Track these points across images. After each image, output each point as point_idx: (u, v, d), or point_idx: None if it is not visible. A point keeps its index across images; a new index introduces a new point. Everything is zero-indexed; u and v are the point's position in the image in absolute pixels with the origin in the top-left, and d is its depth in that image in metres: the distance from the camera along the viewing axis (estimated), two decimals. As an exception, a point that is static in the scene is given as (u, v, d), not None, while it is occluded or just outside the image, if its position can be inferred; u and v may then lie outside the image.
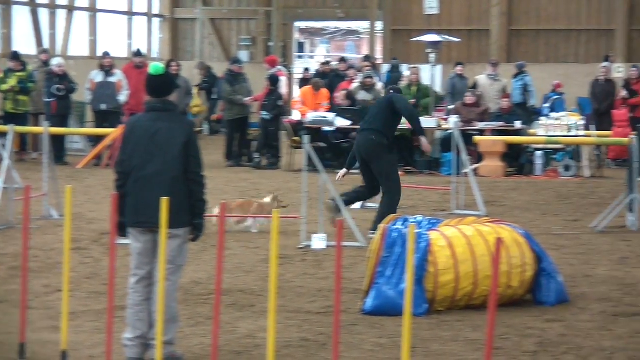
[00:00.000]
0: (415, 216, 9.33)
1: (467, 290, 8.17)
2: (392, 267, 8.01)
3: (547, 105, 23.79)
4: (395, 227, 8.28)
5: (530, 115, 22.82)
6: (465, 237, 8.35)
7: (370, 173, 12.03)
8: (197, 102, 27.30)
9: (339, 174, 12.56)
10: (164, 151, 6.46)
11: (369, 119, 12.43)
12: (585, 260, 10.66)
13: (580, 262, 10.56)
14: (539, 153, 19.75)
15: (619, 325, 7.91)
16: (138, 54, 22.51)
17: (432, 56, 21.16)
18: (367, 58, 27.08)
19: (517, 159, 20.31)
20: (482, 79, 22.38)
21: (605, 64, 24.67)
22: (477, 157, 19.39)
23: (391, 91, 13.27)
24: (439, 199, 15.57)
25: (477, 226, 8.70)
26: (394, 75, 25.22)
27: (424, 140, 12.96)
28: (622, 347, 7.25)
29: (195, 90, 26.95)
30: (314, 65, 31.68)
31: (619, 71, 26.58)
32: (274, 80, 20.71)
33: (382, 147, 11.90)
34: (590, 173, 19.50)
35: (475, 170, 16.86)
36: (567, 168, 19.53)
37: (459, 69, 24.02)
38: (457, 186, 14.21)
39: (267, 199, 12.48)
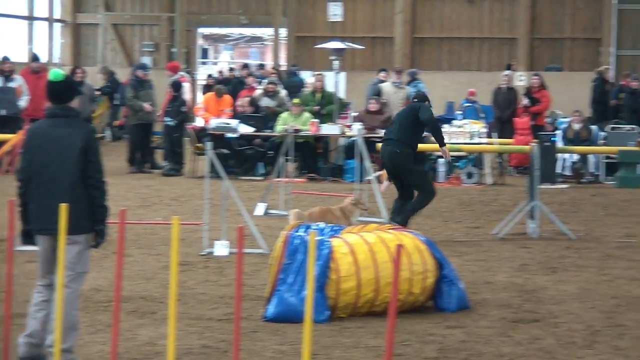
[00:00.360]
0: (318, 223, 9.36)
1: (369, 296, 8.23)
2: (294, 274, 8.04)
3: (459, 112, 24.21)
4: (297, 234, 8.30)
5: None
6: (367, 244, 8.41)
7: (399, 180, 12.55)
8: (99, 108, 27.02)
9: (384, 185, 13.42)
10: (63, 157, 6.45)
11: (394, 128, 12.82)
12: (486, 267, 10.83)
13: (481, 268, 10.73)
14: (441, 160, 19.99)
15: (518, 331, 8.03)
16: (35, 59, 22.25)
17: (336, 63, 21.28)
18: (261, 66, 27.28)
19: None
20: (385, 86, 22.60)
21: (507, 72, 25.19)
22: (381, 164, 19.53)
23: (415, 100, 13.36)
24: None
25: (379, 233, 8.77)
26: (293, 82, 25.35)
27: (445, 151, 13.23)
28: (521, 353, 7.37)
29: (102, 98, 26.79)
30: (214, 72, 31.75)
31: (521, 79, 27.18)
32: (176, 86, 20.66)
33: (407, 158, 12.31)
34: (492, 180, 19.86)
35: (378, 177, 16.94)
36: (469, 175, 19.88)
37: (382, 75, 24.39)
38: (360, 193, 14.27)
39: (348, 202, 12.39)
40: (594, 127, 22.17)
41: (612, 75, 27.92)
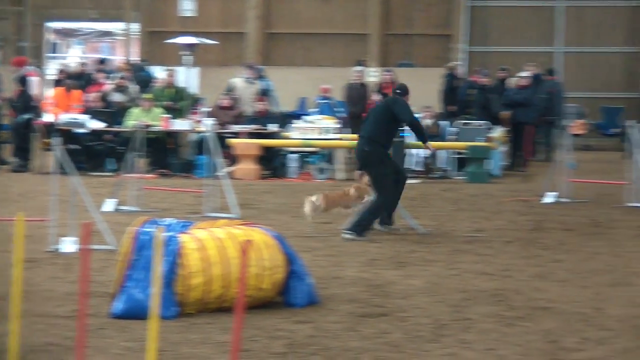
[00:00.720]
0: (166, 219, 9.33)
1: (218, 292, 8.26)
2: (142, 271, 7.99)
3: (315, 109, 24.54)
4: (145, 229, 8.26)
5: (285, 118, 23.45)
6: (216, 239, 8.44)
7: None
8: None
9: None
10: None
11: (366, 124, 12.67)
12: (335, 262, 11.02)
13: (330, 264, 10.90)
14: (293, 156, 20.31)
15: (366, 325, 8.18)
16: None
17: (188, 58, 21.32)
18: (102, 60, 27.14)
19: (271, 162, 20.87)
20: (237, 82, 22.72)
21: (359, 68, 25.64)
22: (232, 159, 19.70)
23: (398, 92, 13.22)
24: (192, 201, 15.76)
25: (228, 229, 8.81)
26: (141, 77, 25.18)
27: (429, 146, 13.43)
28: (368, 347, 7.51)
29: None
30: (66, 65, 31.30)
31: (373, 75, 27.61)
32: (23, 81, 20.33)
33: (375, 157, 12.28)
34: (343, 175, 20.17)
35: (229, 172, 17.06)
36: (321, 171, 20.19)
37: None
38: (211, 189, 14.33)
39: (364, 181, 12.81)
40: (444, 123, 22.84)
41: (462, 72, 28.71)
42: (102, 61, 28.06)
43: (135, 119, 19.36)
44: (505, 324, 8.14)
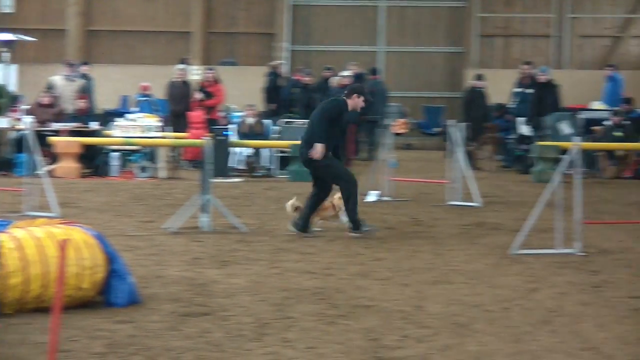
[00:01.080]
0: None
1: (36, 292, 8.14)
2: (-45, 271, 7.78)
3: (135, 108, 24.53)
4: (-40, 229, 8.05)
5: (106, 116, 23.32)
6: (35, 238, 8.32)
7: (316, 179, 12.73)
8: None
9: None
10: None
11: (307, 126, 12.97)
12: (157, 261, 11.02)
13: (152, 262, 10.89)
14: (115, 154, 20.19)
15: (188, 325, 8.19)
16: None
17: (6, 55, 20.85)
18: None
19: (93, 160, 20.69)
20: (57, 79, 22.40)
21: (181, 66, 25.67)
22: (52, 158, 19.42)
23: (345, 93, 13.07)
24: (11, 200, 15.50)
25: (48, 228, 8.68)
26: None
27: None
28: (190, 346, 7.53)
29: None
30: None
31: (195, 73, 27.65)
32: None
33: (313, 160, 12.47)
34: (166, 174, 20.24)
35: (49, 171, 16.79)
36: (143, 169, 20.16)
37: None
38: (31, 187, 14.10)
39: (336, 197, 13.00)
40: (267, 122, 23.12)
41: (285, 70, 29.11)
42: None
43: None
44: (327, 322, 8.27)
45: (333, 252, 12.11)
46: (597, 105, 26.24)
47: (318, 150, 12.27)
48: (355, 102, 12.64)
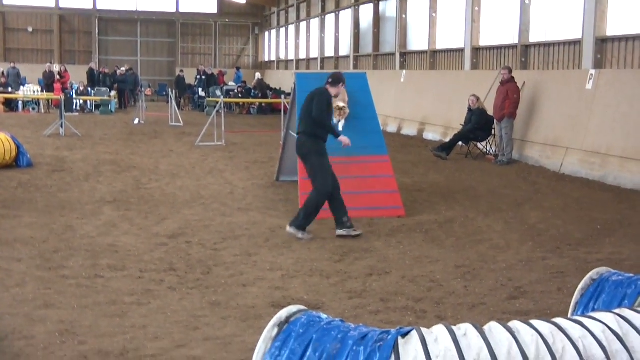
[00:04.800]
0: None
1: (-9, 160, 16.40)
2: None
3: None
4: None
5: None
6: (-13, 137, 16.51)
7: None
8: None
9: None
10: None
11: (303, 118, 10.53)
12: (41, 148, 19.06)
13: (38, 148, 18.75)
14: (20, 102, 33.38)
15: (55, 175, 15.76)
16: None
17: None
18: None
19: (10, 105, 35.38)
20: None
21: (48, 64, 38.58)
22: None
23: (328, 81, 10.63)
24: None
25: (-10, 132, 16.89)
26: None
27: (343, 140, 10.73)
28: (55, 184, 14.83)
29: None
30: None
31: (56, 68, 37.59)
32: None
33: (305, 148, 10.32)
34: (43, 112, 33.13)
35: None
36: (33, 109, 35.11)
37: None
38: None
39: None
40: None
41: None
42: None
43: None
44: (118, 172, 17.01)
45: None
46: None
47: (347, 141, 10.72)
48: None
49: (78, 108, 34.93)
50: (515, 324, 3.93)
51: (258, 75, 43.30)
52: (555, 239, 10.37)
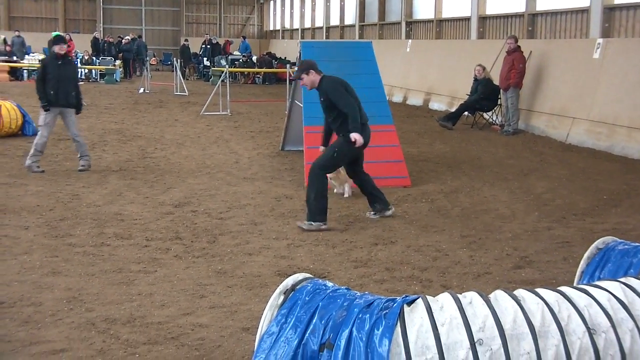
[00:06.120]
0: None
1: (-4, 129, 16.43)
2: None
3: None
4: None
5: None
6: (-7, 106, 16.55)
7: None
8: None
9: None
10: None
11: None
12: None
13: None
14: (25, 70, 32.80)
15: (61, 143, 16.31)
16: None
17: None
18: None
19: (15, 73, 35.58)
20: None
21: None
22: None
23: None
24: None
25: (-5, 101, 16.95)
26: None
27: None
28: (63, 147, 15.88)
29: None
30: None
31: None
32: None
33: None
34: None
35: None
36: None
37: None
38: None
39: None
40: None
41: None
42: None
43: None
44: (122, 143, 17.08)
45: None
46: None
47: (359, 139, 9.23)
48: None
49: (83, 77, 34.95)
50: (520, 292, 3.95)
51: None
52: (561, 209, 10.38)
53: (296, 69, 8.25)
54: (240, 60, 39.07)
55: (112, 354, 5.29)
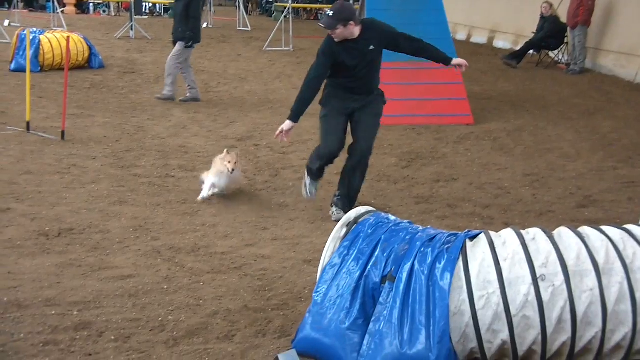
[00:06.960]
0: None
1: (59, 60, 16.66)
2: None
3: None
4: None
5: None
6: (56, 38, 16.75)
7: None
8: None
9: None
10: None
11: None
12: (110, 50, 19.21)
13: (108, 50, 18.92)
14: (91, 3, 32.46)
15: (127, 76, 16.21)
16: None
17: None
18: None
19: (82, 7, 34.51)
20: None
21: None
22: (64, 5, 29.24)
23: None
24: (44, 24, 23.53)
25: (62, 33, 17.13)
26: None
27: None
28: (124, 84, 15.62)
29: None
30: None
31: None
32: None
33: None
34: (113, 13, 31.83)
35: (62, 11, 25.43)
36: (104, 11, 32.36)
37: None
38: (55, 17, 22.06)
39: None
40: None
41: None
42: None
43: None
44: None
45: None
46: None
47: None
48: None
49: (147, 11, 35.00)
50: (585, 229, 3.93)
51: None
52: (627, 149, 10.22)
53: (329, 12, 6.80)
54: (304, -5, 38.88)
55: (177, 282, 5.40)
